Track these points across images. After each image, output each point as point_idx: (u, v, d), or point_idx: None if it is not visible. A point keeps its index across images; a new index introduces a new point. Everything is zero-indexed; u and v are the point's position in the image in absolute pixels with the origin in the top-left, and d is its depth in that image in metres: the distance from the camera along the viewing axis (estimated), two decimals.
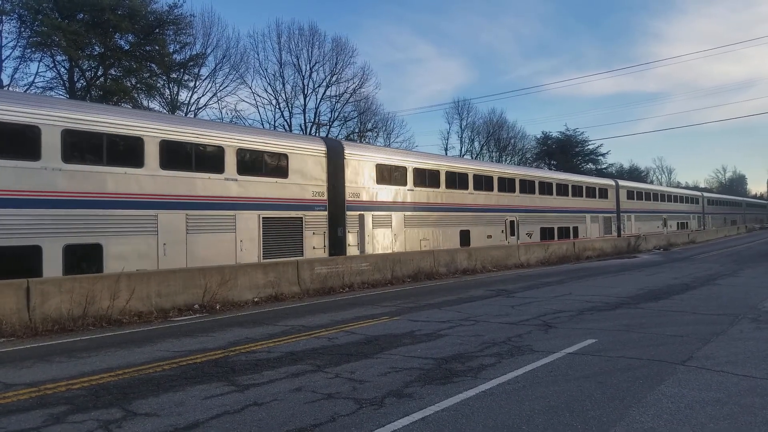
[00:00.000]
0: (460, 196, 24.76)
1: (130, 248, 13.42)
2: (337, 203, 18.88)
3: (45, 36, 27.67)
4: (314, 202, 18.11)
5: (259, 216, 16.31)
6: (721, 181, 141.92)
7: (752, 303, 11.15)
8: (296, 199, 17.58)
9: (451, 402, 5.12)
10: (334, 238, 18.78)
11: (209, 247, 14.94)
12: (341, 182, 19.06)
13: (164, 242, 13.98)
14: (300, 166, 17.73)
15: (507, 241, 27.14)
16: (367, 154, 20.87)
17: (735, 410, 4.80)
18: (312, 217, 18.00)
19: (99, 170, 13.04)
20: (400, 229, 21.36)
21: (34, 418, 4.93)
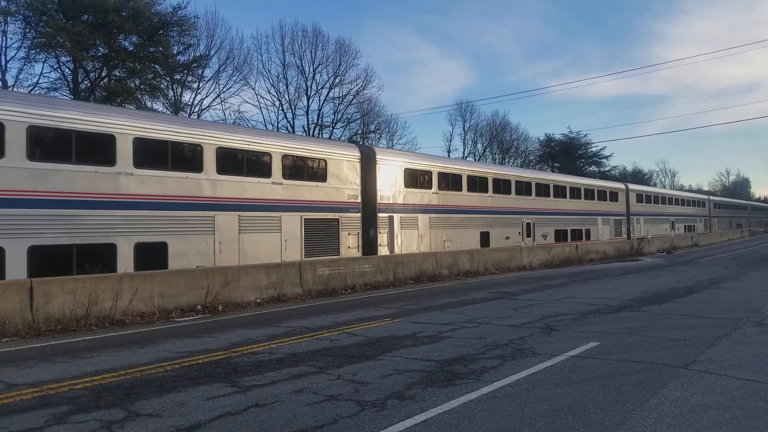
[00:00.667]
0: (481, 199, 25.86)
1: (191, 246, 14.57)
2: (369, 205, 20.04)
3: (49, 37, 27.79)
4: (349, 205, 19.24)
5: (301, 217, 17.50)
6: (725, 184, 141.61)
7: (756, 307, 11.11)
8: (334, 201, 18.70)
9: (453, 404, 5.11)
10: (366, 238, 19.91)
11: (258, 246, 16.09)
12: (373, 186, 20.25)
13: (220, 241, 15.17)
14: (337, 171, 18.89)
15: (524, 243, 28.00)
16: (396, 159, 21.98)
17: (738, 414, 4.78)
18: (347, 219, 19.13)
19: (164, 175, 14.16)
20: (425, 230, 22.40)
21: (36, 418, 4.94)
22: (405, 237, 21.36)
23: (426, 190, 22.65)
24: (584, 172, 65.76)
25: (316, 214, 18.00)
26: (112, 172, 13.15)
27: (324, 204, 18.31)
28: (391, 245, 20.71)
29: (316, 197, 18.06)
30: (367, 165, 20.09)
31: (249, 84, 41.72)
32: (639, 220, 43.63)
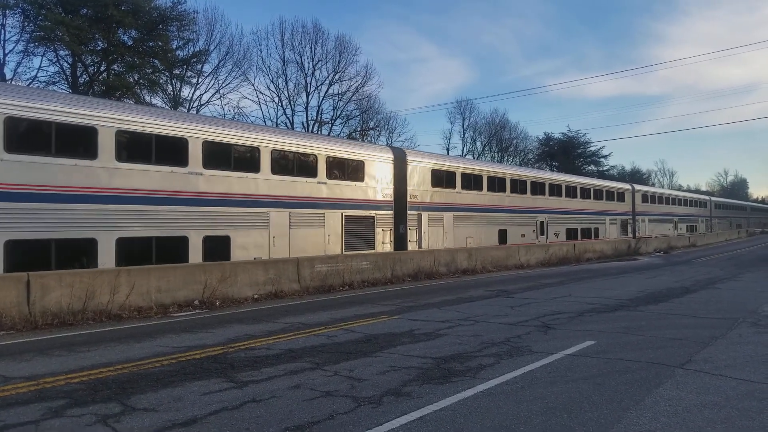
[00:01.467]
0: (499, 199, 27.31)
1: (251, 240, 15.92)
2: (400, 204, 21.41)
3: (48, 31, 27.69)
4: (383, 203, 20.73)
5: (342, 214, 18.91)
6: (723, 184, 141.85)
7: (752, 307, 11.14)
8: (370, 200, 20.17)
9: (450, 402, 5.13)
10: (397, 234, 21.25)
11: (305, 240, 17.52)
12: (404, 185, 21.57)
13: (274, 235, 16.63)
14: (373, 172, 20.36)
15: (538, 240, 29.38)
16: (424, 161, 23.31)
17: (733, 414, 4.80)
18: (381, 216, 20.61)
19: (228, 175, 15.54)
20: (449, 227, 23.76)
21: (32, 412, 4.94)
22: (431, 234, 22.66)
23: (450, 189, 23.98)
24: (583, 171, 65.81)
25: (355, 212, 19.41)
26: (184, 172, 14.55)
27: (362, 202, 19.74)
28: (419, 241, 22.10)
29: (355, 196, 19.50)
30: (398, 166, 21.45)
31: (248, 80, 41.74)
32: (644, 219, 45.07)
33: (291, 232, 16.98)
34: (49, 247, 12.08)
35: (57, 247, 12.21)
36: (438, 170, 23.56)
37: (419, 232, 22.17)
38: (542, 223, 30.69)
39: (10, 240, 11.42)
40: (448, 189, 23.84)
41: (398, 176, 21.35)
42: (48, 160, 12.09)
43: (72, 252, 12.46)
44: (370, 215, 20.04)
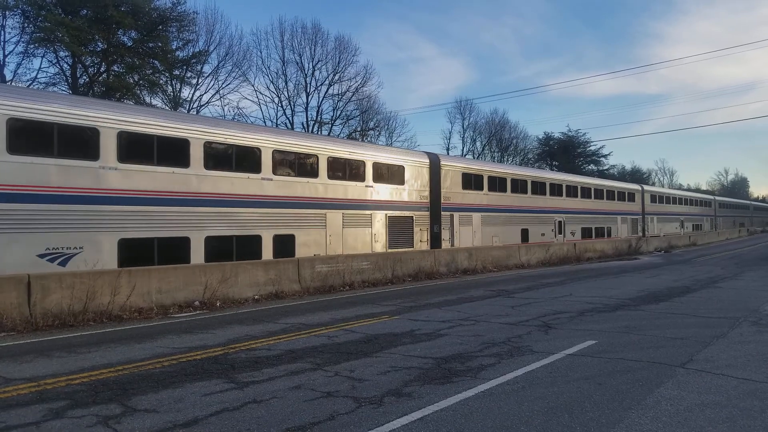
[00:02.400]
0: (521, 200, 28.92)
1: (311, 238, 17.66)
2: (435, 205, 22.99)
3: (48, 32, 27.68)
4: (420, 205, 22.32)
5: (386, 215, 20.63)
6: (723, 183, 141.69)
7: (753, 306, 11.13)
8: (409, 202, 21.86)
9: (450, 402, 5.12)
10: (432, 233, 22.72)
11: (356, 238, 19.23)
12: (438, 188, 23.21)
13: (330, 234, 18.33)
14: (412, 176, 22.05)
15: (556, 239, 30.95)
16: (456, 165, 25.09)
17: (734, 413, 4.79)
18: (419, 217, 22.21)
19: (293, 180, 17.32)
20: (478, 227, 25.45)
21: (33, 413, 4.94)
22: (462, 233, 24.32)
23: (478, 191, 25.70)
24: (583, 171, 65.80)
25: (397, 213, 21.17)
26: (258, 178, 16.22)
27: (402, 204, 21.47)
28: (452, 240, 23.63)
29: (397, 198, 21.25)
30: (433, 170, 23.12)
31: (248, 80, 41.70)
32: (653, 219, 46.87)
33: (344, 231, 18.77)
34: (152, 245, 13.78)
35: (159, 245, 13.91)
36: (467, 173, 25.23)
37: (451, 231, 23.71)
38: (560, 223, 32.31)
39: (123, 238, 13.17)
40: (476, 191, 25.54)
41: (433, 180, 22.98)
42: (152, 168, 13.79)
43: (170, 249, 14.10)
44: (410, 216, 21.76)
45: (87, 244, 12.49)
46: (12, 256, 11.38)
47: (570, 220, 33.37)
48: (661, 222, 48.69)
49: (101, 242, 12.80)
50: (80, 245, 12.37)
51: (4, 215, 11.37)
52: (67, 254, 12.20)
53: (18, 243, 11.52)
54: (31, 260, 11.59)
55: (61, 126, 12.25)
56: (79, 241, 12.37)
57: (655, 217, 47.38)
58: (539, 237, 29.59)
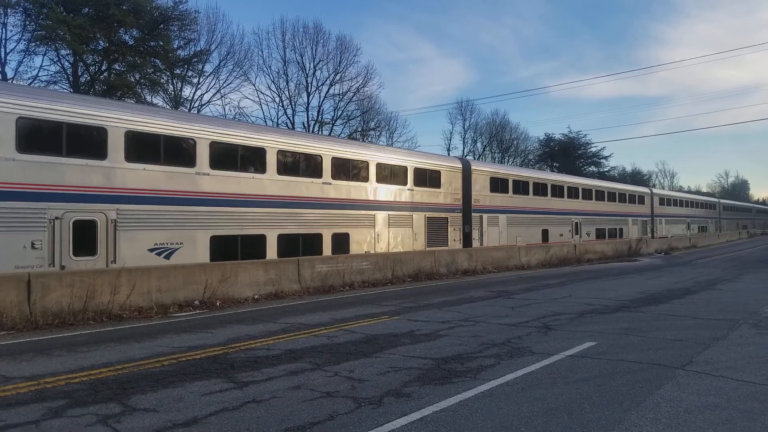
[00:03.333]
0: (542, 202, 30.69)
1: (362, 236, 19.47)
2: (466, 207, 24.75)
3: (50, 30, 27.70)
4: (454, 206, 24.04)
5: (424, 216, 22.30)
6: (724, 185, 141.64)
7: (753, 308, 11.13)
8: (445, 204, 23.54)
9: (450, 402, 5.12)
10: (464, 233, 24.45)
11: (398, 237, 21.03)
12: (469, 191, 24.91)
13: (377, 233, 20.09)
14: (447, 179, 23.77)
15: (573, 239, 32.52)
16: (485, 169, 27.04)
17: (734, 415, 4.79)
18: (453, 217, 23.90)
19: (348, 184, 19.06)
20: (504, 227, 27.14)
21: (33, 412, 4.94)
22: (490, 233, 26.15)
23: (504, 194, 27.50)
24: (583, 172, 65.78)
25: (434, 214, 22.80)
26: (320, 182, 18.04)
27: (439, 206, 23.13)
28: (481, 239, 25.36)
29: (434, 200, 22.93)
30: (465, 174, 24.81)
31: (249, 80, 41.73)
32: (661, 221, 48.83)
33: (389, 230, 20.64)
34: (236, 241, 15.51)
35: (242, 241, 15.66)
36: (495, 177, 27.06)
37: (480, 231, 25.47)
38: (577, 224, 34.02)
39: (213, 235, 14.93)
40: (502, 194, 27.33)
41: (465, 183, 24.75)
42: (237, 174, 15.64)
43: (250, 244, 15.88)
44: (445, 216, 23.46)
45: (186, 240, 14.35)
46: (131, 250, 13.12)
47: (585, 221, 35.18)
48: (668, 224, 50.45)
49: (196, 239, 14.59)
50: (180, 241, 14.21)
51: (129, 215, 13.20)
52: (170, 249, 13.97)
53: (137, 239, 13.32)
54: (143, 254, 13.34)
55: (167, 137, 14.19)
56: (180, 237, 14.22)
57: (663, 219, 49.16)
58: (558, 237, 31.19)
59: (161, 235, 13.76)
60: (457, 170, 24.54)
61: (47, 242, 11.80)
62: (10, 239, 11.35)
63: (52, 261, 11.83)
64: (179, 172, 14.28)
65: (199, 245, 14.54)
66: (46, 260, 11.75)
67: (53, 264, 11.81)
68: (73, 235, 12.20)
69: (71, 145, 12.42)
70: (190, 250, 14.28)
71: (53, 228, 11.93)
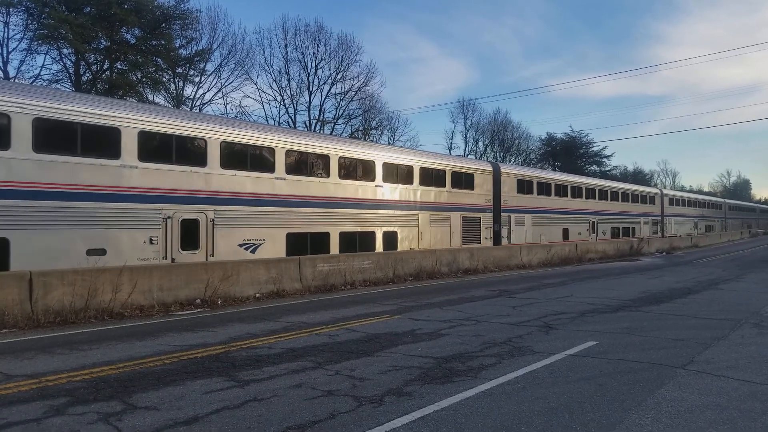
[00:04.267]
0: (562, 203, 32.52)
1: (408, 234, 21.25)
2: (496, 207, 26.54)
3: (52, 29, 27.73)
4: (485, 207, 25.84)
5: (460, 215, 24.10)
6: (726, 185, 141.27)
7: (754, 308, 11.12)
8: (478, 204, 25.32)
9: (451, 401, 5.13)
10: (494, 232, 26.30)
11: (438, 235, 22.75)
12: (498, 192, 26.69)
13: (420, 231, 21.83)
14: (480, 182, 25.61)
15: (590, 237, 34.53)
16: (513, 172, 28.84)
17: (735, 415, 4.79)
18: (485, 217, 25.74)
19: (396, 186, 20.94)
20: (529, 226, 28.80)
21: (34, 410, 4.95)
22: (516, 231, 27.80)
23: (529, 195, 29.16)
24: (585, 171, 65.71)
25: (469, 214, 24.60)
26: (373, 185, 19.97)
27: (473, 206, 24.93)
28: (509, 237, 27.17)
29: (469, 201, 24.71)
30: (495, 177, 26.62)
31: (251, 79, 41.72)
32: (671, 220, 51.04)
33: (430, 229, 22.36)
34: (306, 238, 17.33)
35: (311, 238, 17.45)
36: (521, 180, 28.80)
37: (508, 230, 27.25)
38: (593, 223, 35.96)
39: (289, 233, 16.77)
40: (528, 195, 28.99)
41: (495, 185, 26.54)
42: (306, 178, 17.49)
43: (318, 241, 17.78)
44: (478, 216, 25.30)
45: (267, 237, 16.13)
46: (225, 246, 14.95)
47: (601, 220, 37.12)
48: (677, 223, 52.58)
49: (275, 235, 16.38)
50: (263, 238, 16.05)
51: (223, 215, 14.97)
52: (255, 244, 15.79)
53: (229, 236, 15.14)
54: (234, 249, 15.16)
55: (253, 147, 16.10)
56: (263, 234, 16.07)
57: (672, 219, 51.30)
58: (577, 235, 33.13)
59: (248, 232, 15.70)
60: (488, 173, 26.43)
61: (161, 238, 13.59)
62: (134, 235, 13.12)
63: (165, 254, 13.61)
64: (262, 177, 16.25)
65: (277, 241, 16.44)
66: (160, 254, 13.50)
67: (166, 257, 13.60)
68: (181, 232, 14.05)
69: (179, 154, 14.28)
70: (270, 246, 16.16)
71: (166, 226, 13.75)
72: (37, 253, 11.52)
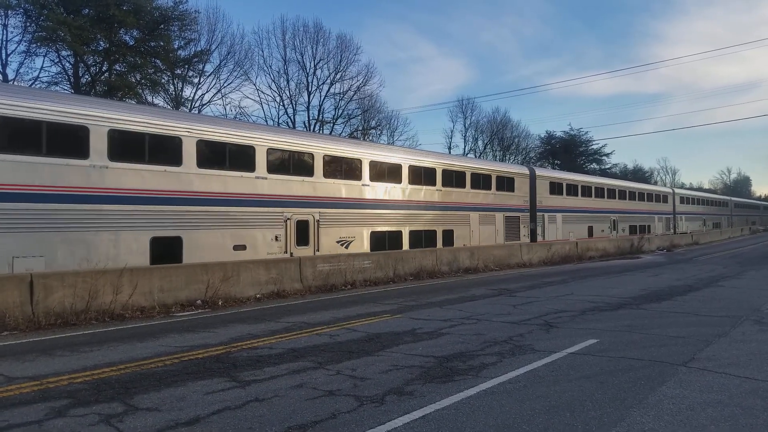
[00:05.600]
0: (588, 202, 35.58)
1: (462, 233, 24.17)
2: (532, 207, 29.50)
3: (50, 31, 27.70)
4: (523, 207, 28.76)
5: (503, 215, 27.14)
6: (726, 182, 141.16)
7: (755, 305, 11.11)
8: (517, 205, 28.26)
9: (452, 400, 5.12)
10: (531, 230, 29.26)
11: (485, 233, 25.66)
12: (534, 194, 29.61)
13: (472, 229, 24.84)
14: (519, 185, 28.62)
15: (611, 235, 37.23)
16: (546, 174, 32.45)
17: (736, 412, 4.79)
18: (523, 217, 28.64)
19: (452, 190, 23.69)
20: (560, 225, 31.89)
21: (36, 412, 4.95)
22: (549, 229, 30.78)
23: (560, 196, 32.31)
24: (585, 169, 65.67)
25: (510, 213, 27.67)
26: (433, 189, 22.62)
27: (513, 207, 27.95)
28: (543, 235, 30.00)
29: (510, 202, 27.70)
30: (531, 180, 29.64)
31: (250, 79, 41.69)
32: (681, 218, 54.21)
33: (479, 228, 25.35)
34: (385, 236, 20.25)
35: (388, 236, 20.43)
36: (553, 182, 31.96)
37: (542, 228, 30.11)
38: (614, 221, 38.97)
39: (372, 231, 19.72)
40: (558, 196, 32.06)
41: (531, 187, 29.47)
42: (384, 184, 20.36)
43: (393, 239, 20.58)
44: (517, 216, 28.14)
45: (356, 235, 19.01)
46: (326, 242, 17.93)
47: (621, 218, 40.05)
48: (688, 221, 56.01)
49: (362, 234, 19.33)
50: (354, 236, 18.87)
51: (326, 216, 17.99)
52: (348, 241, 18.70)
53: (330, 234, 18.15)
54: (333, 245, 18.13)
55: (346, 159, 19.19)
56: (353, 233, 18.92)
57: (683, 216, 54.73)
58: (600, 232, 36.24)
59: (343, 231, 18.70)
60: (525, 177, 29.25)
61: (284, 236, 16.65)
62: (265, 234, 16.22)
63: (286, 250, 16.65)
64: (352, 184, 19.20)
65: (363, 239, 19.30)
66: (283, 249, 16.57)
67: (286, 252, 16.61)
68: (296, 231, 17.05)
69: (295, 167, 17.42)
70: (359, 243, 19.07)
71: (286, 226, 16.78)
72: (200, 248, 14.44)
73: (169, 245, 13.92)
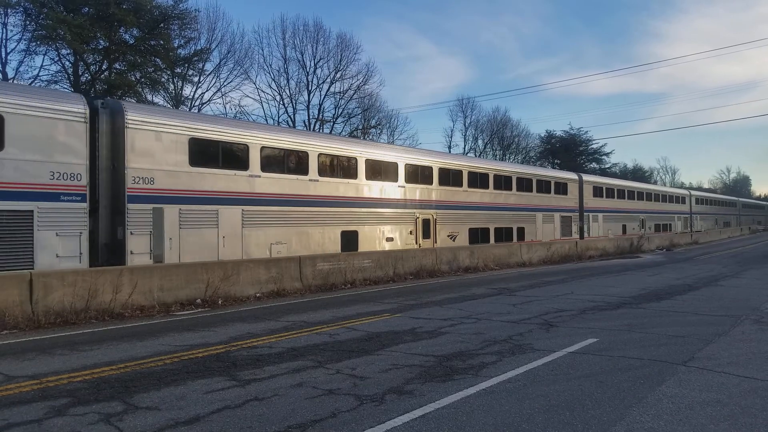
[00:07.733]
0: (623, 203, 41.16)
1: (530, 229, 29.17)
2: (580, 208, 34.72)
3: (50, 29, 27.67)
4: (573, 208, 34.11)
5: (560, 215, 32.42)
6: (726, 182, 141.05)
7: (755, 304, 11.12)
8: (569, 206, 33.51)
9: (452, 399, 5.13)
10: (579, 228, 34.39)
11: (546, 230, 30.62)
12: (581, 197, 34.93)
13: (536, 227, 29.60)
14: (571, 189, 34.00)
15: (641, 232, 41.55)
16: (590, 180, 37.40)
17: (736, 411, 4.79)
18: (574, 216, 33.93)
19: (522, 194, 28.83)
20: (601, 224, 37.14)
21: (35, 410, 4.96)
22: (592, 228, 35.91)
23: (601, 198, 37.49)
24: (585, 168, 65.63)
25: (564, 214, 32.95)
26: (511, 193, 28.15)
27: (566, 208, 33.25)
28: (588, 232, 35.10)
29: (564, 204, 33.06)
30: (579, 185, 34.94)
31: (250, 78, 41.67)
32: (696, 218, 59.53)
33: (543, 226, 30.33)
34: (477, 232, 25.23)
35: (480, 232, 25.46)
36: (595, 186, 37.23)
37: (588, 226, 35.23)
38: (643, 220, 44.41)
39: (470, 228, 24.88)
40: (600, 198, 37.33)
41: (579, 191, 34.84)
42: (474, 190, 25.30)
43: (483, 234, 25.70)
44: (569, 216, 33.43)
45: (460, 231, 24.17)
46: (441, 237, 22.91)
47: (648, 218, 45.41)
48: (702, 220, 61.41)
49: (463, 230, 24.42)
50: (458, 231, 24.01)
51: (440, 216, 22.93)
52: (454, 235, 23.73)
53: (443, 230, 23.20)
54: (445, 239, 23.07)
55: (454, 170, 24.27)
56: (458, 229, 24.09)
57: (698, 216, 59.98)
58: (631, 230, 41.27)
59: (451, 228, 23.68)
60: (575, 182, 34.67)
61: (414, 230, 21.69)
62: (403, 229, 21.26)
63: (416, 241, 21.57)
64: (456, 190, 24.10)
65: (464, 234, 24.39)
66: (415, 241, 21.51)
67: (416, 243, 21.40)
68: (421, 227, 21.97)
69: (421, 176, 22.39)
70: (462, 237, 24.19)
71: (416, 223, 21.87)
72: (367, 239, 19.50)
73: (351, 236, 18.87)
